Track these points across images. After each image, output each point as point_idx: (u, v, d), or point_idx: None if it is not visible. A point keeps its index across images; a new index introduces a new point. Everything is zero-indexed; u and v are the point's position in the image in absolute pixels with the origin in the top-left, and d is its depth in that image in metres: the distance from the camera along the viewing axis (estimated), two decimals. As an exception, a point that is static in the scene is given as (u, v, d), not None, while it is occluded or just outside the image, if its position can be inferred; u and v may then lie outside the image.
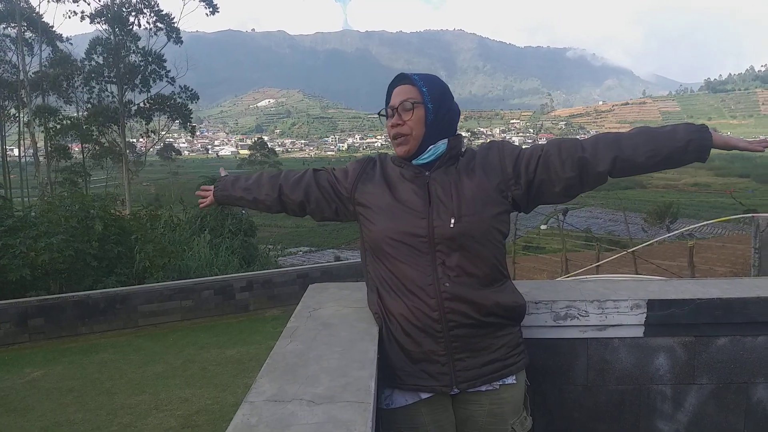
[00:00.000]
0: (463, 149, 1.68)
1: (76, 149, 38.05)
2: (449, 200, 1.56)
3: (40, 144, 33.46)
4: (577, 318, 1.92)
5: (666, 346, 1.96)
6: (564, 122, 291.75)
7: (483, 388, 1.60)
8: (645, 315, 1.92)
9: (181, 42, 33.44)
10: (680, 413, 1.99)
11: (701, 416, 1.99)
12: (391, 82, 1.69)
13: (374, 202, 1.65)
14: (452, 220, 1.53)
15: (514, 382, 1.64)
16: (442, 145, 1.63)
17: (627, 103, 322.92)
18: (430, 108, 1.62)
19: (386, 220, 1.60)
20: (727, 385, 1.98)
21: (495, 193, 1.59)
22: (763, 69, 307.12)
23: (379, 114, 1.71)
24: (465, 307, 1.53)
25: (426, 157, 1.62)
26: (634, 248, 11.79)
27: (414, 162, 1.64)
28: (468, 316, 1.54)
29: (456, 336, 1.54)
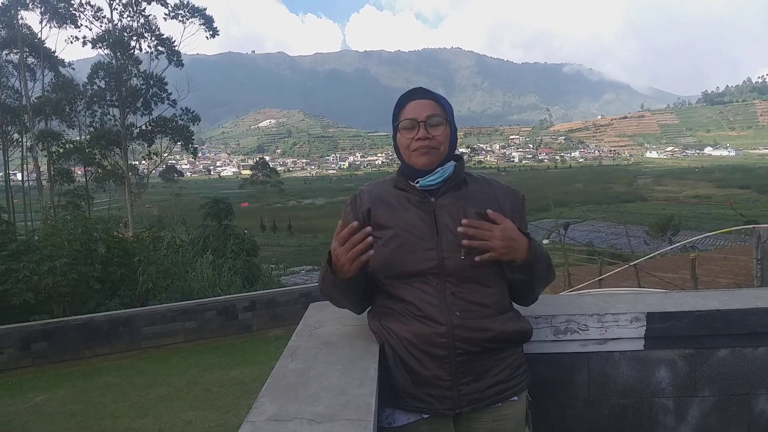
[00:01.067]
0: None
1: (79, 172, 38.19)
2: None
3: (43, 168, 33.61)
4: (577, 332, 1.93)
5: (667, 358, 1.97)
6: (563, 137, 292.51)
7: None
8: (645, 328, 1.93)
9: (182, 65, 33.73)
10: (683, 426, 1.99)
11: (704, 429, 1.99)
12: (407, 95, 1.65)
13: (383, 225, 1.60)
14: (463, 254, 1.52)
15: (516, 399, 1.64)
16: (449, 167, 1.62)
17: (625, 117, 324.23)
18: (452, 128, 1.64)
19: (394, 248, 1.56)
20: (729, 397, 1.98)
21: None
22: (759, 80, 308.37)
23: (396, 124, 1.63)
24: (474, 337, 1.53)
25: (434, 178, 1.60)
26: (637, 261, 11.76)
27: (421, 183, 1.60)
28: (476, 344, 1.54)
29: (461, 362, 1.53)
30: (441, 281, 1.54)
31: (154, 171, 42.78)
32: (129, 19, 32.48)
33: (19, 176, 40.09)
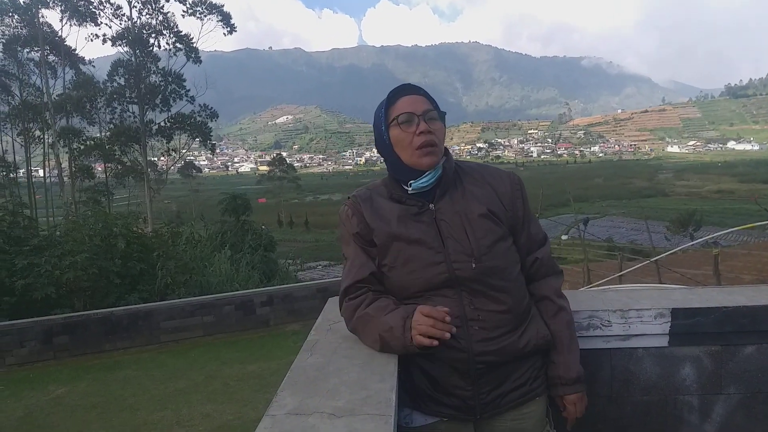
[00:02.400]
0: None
1: (99, 169, 38.71)
2: (463, 236, 1.50)
3: (65, 164, 34.12)
4: (600, 328, 1.90)
5: (692, 355, 1.92)
6: (582, 131, 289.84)
7: None
8: (669, 324, 1.89)
9: (200, 61, 33.98)
10: (707, 424, 1.95)
11: (729, 426, 1.94)
12: (396, 92, 1.57)
13: (386, 250, 1.54)
14: (473, 263, 1.48)
15: (538, 398, 1.62)
16: (439, 166, 1.55)
17: (646, 111, 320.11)
18: (444, 125, 1.59)
19: (403, 269, 1.51)
20: (755, 395, 1.94)
21: (502, 228, 1.56)
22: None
23: (393, 120, 1.53)
24: (495, 350, 1.49)
25: (426, 179, 1.53)
26: (658, 257, 11.62)
27: (413, 185, 1.54)
28: (497, 356, 1.50)
29: (482, 373, 1.50)
30: (457, 292, 1.50)
31: (172, 167, 43.15)
32: (148, 16, 32.86)
33: (41, 173, 40.70)
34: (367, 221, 1.56)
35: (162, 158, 38.72)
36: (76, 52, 34.16)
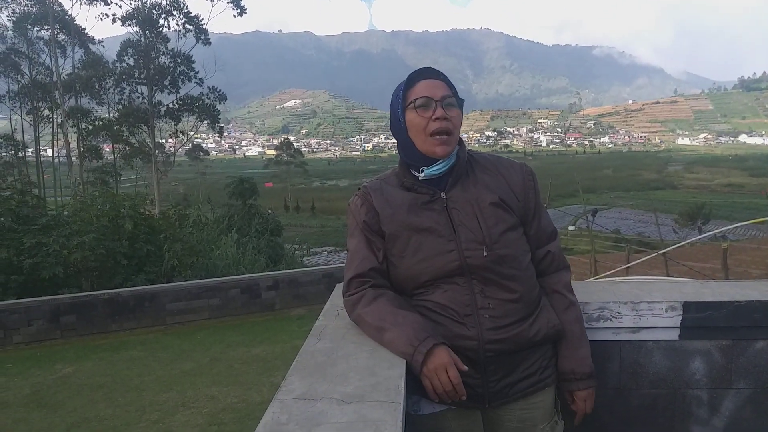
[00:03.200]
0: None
1: (107, 149, 38.82)
2: (474, 225, 1.49)
3: (73, 144, 34.23)
4: (610, 320, 1.88)
5: (702, 349, 1.90)
6: (593, 121, 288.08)
7: None
8: (681, 317, 1.86)
9: (210, 43, 33.87)
10: (716, 418, 1.93)
11: (738, 421, 1.93)
12: (416, 74, 1.55)
13: (396, 235, 1.52)
14: (485, 251, 1.47)
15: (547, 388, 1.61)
16: (453, 155, 1.54)
17: (658, 102, 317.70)
18: (462, 113, 1.57)
19: (414, 258, 1.50)
20: (765, 390, 1.92)
21: (513, 217, 1.55)
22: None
23: (411, 103, 1.51)
24: (505, 339, 1.48)
25: (440, 167, 1.52)
26: (665, 249, 11.56)
27: (426, 172, 1.52)
28: (507, 345, 1.49)
29: (491, 361, 1.49)
30: (467, 280, 1.48)
31: (180, 149, 43.26)
32: (158, -4, 32.65)
33: (49, 152, 40.87)
34: (377, 210, 1.55)
35: (170, 140, 38.80)
36: (86, 31, 34.19)
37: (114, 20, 32.51)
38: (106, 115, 35.19)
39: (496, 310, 1.48)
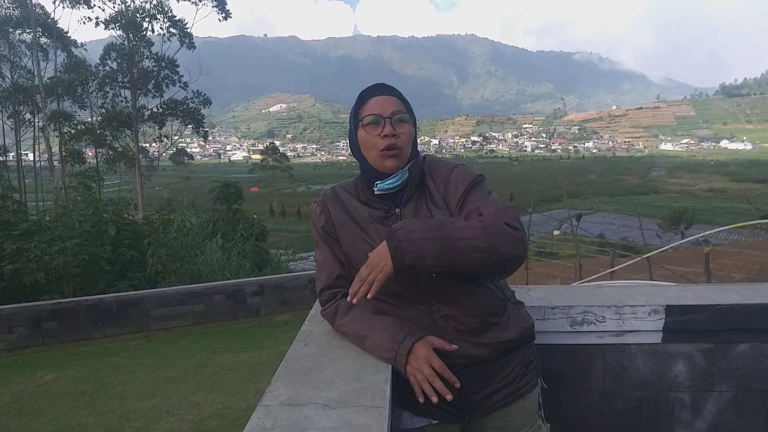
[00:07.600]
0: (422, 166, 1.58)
1: (90, 154, 38.39)
2: None
3: (55, 149, 33.80)
4: (594, 324, 1.89)
5: (684, 352, 1.93)
6: (577, 127, 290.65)
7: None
8: (663, 321, 1.89)
9: (194, 47, 33.68)
10: (699, 421, 1.95)
11: (720, 424, 1.95)
12: (368, 91, 1.56)
13: (351, 250, 1.53)
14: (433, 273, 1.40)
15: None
16: (405, 171, 1.52)
17: (641, 108, 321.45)
18: (415, 128, 1.56)
19: None
20: (747, 393, 1.94)
21: None
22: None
23: (360, 121, 1.52)
24: (472, 352, 1.46)
25: (392, 182, 1.51)
26: (649, 254, 11.67)
27: (379, 186, 1.52)
28: (476, 359, 1.47)
29: (465, 375, 1.46)
30: (425, 300, 1.47)
31: (164, 154, 42.88)
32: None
33: (30, 156, 40.34)
34: (334, 221, 1.57)
35: (154, 144, 38.41)
36: (69, 34, 33.76)
37: (97, 23, 32.14)
38: (89, 119, 34.82)
39: (457, 333, 1.46)
